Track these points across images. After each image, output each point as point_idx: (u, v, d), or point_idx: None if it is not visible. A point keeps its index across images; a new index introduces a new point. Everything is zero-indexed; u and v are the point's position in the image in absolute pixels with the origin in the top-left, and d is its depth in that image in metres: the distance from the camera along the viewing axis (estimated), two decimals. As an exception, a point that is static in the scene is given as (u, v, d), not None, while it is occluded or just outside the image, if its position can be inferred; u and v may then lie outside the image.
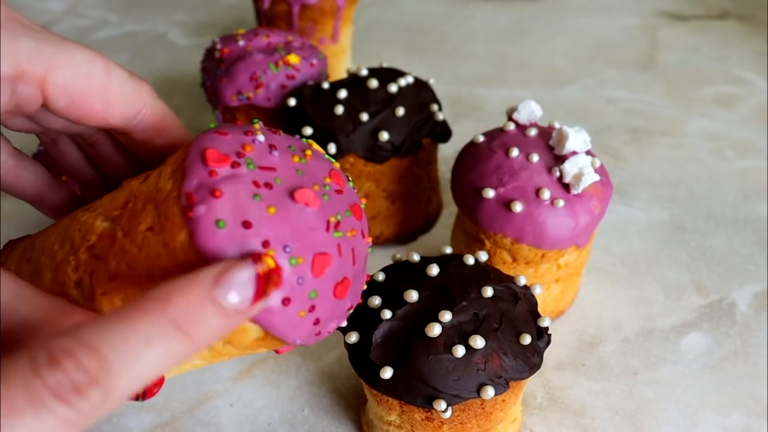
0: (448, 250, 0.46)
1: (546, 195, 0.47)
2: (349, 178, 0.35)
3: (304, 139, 0.34)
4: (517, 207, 0.47)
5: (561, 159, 0.48)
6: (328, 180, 0.32)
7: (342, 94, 0.55)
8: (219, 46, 0.63)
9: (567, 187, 0.48)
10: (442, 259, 0.44)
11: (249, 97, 0.60)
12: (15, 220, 0.65)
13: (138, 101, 0.34)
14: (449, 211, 0.66)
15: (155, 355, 0.23)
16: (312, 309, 0.29)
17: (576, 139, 0.48)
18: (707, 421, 0.49)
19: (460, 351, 0.38)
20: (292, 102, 0.57)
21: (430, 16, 1.01)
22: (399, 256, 0.45)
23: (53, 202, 0.38)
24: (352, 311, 0.34)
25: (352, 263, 0.32)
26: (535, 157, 0.48)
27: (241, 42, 0.63)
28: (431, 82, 0.60)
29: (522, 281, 0.44)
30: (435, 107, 0.58)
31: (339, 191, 0.32)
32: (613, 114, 0.80)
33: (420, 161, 0.59)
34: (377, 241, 0.62)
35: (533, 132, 0.50)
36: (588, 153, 0.49)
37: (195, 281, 0.25)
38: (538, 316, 0.42)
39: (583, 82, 0.86)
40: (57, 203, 0.38)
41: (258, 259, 0.26)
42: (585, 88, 0.85)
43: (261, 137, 0.31)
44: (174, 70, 0.88)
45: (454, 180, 0.52)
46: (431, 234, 0.64)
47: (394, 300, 0.41)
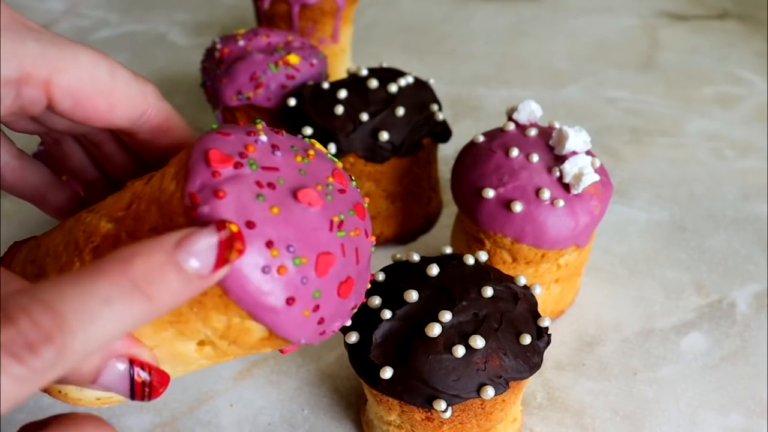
0: (448, 250, 0.46)
1: (546, 195, 0.47)
2: (352, 177, 0.35)
3: (306, 139, 0.35)
4: (517, 207, 0.47)
5: (561, 159, 0.48)
6: (330, 179, 0.32)
7: (342, 94, 0.55)
8: (219, 46, 0.63)
9: (567, 187, 0.48)
10: (442, 259, 0.44)
11: (249, 97, 0.60)
12: (15, 219, 0.65)
13: (142, 102, 0.34)
14: (449, 211, 0.66)
15: (114, 315, 0.23)
16: (316, 308, 0.29)
17: (576, 139, 0.48)
18: (707, 421, 0.49)
19: (460, 351, 0.38)
20: (292, 102, 0.57)
21: (430, 16, 1.01)
22: (399, 256, 0.45)
23: (57, 202, 0.38)
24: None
25: (355, 263, 0.32)
26: (535, 157, 0.48)
27: (241, 42, 0.63)
28: (431, 82, 0.60)
29: (522, 281, 0.44)
30: (435, 107, 0.58)
31: (342, 191, 0.32)
32: (613, 114, 0.80)
33: (420, 161, 0.59)
34: (377, 241, 0.62)
35: (533, 132, 0.50)
36: (588, 153, 0.49)
37: (158, 244, 0.25)
38: (538, 316, 0.42)
39: (583, 82, 0.86)
40: (60, 204, 0.38)
41: (222, 226, 0.26)
42: (585, 88, 0.85)
43: (263, 137, 0.31)
44: (174, 70, 0.88)
45: (454, 180, 0.52)
46: (431, 234, 0.64)
47: (394, 300, 0.41)
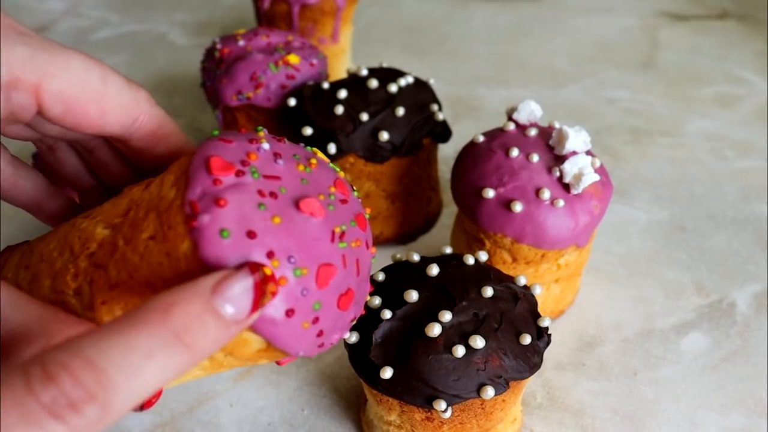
0: (448, 250, 0.46)
1: (546, 195, 0.47)
2: (354, 188, 0.35)
3: (309, 148, 0.34)
4: (517, 207, 0.47)
5: (561, 159, 0.48)
6: (333, 189, 0.32)
7: (342, 94, 0.55)
8: (219, 46, 0.63)
9: (567, 187, 0.48)
10: (442, 259, 0.44)
11: (249, 97, 0.60)
12: (15, 220, 0.65)
13: (135, 109, 0.33)
14: (449, 211, 0.66)
15: (156, 368, 0.23)
16: (316, 321, 0.29)
17: (576, 139, 0.48)
18: (707, 421, 0.49)
19: (460, 351, 0.38)
20: (292, 102, 0.57)
21: (430, 16, 1.01)
22: (399, 256, 0.45)
23: (51, 209, 0.37)
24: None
25: (356, 274, 0.31)
26: (535, 157, 0.48)
27: (241, 42, 0.63)
28: (431, 82, 0.60)
29: (522, 281, 0.44)
30: (435, 107, 0.58)
31: (344, 201, 0.32)
32: (613, 114, 0.80)
33: (420, 161, 0.59)
34: (377, 241, 0.62)
35: (533, 132, 0.50)
36: (588, 153, 0.49)
37: (194, 291, 0.25)
38: (538, 316, 0.42)
39: (583, 82, 0.86)
40: (55, 211, 0.37)
41: (255, 268, 0.26)
42: (585, 88, 0.84)
43: (266, 145, 0.31)
44: (174, 70, 0.88)
45: (454, 180, 0.52)
46: (431, 234, 0.64)
47: (394, 300, 0.41)
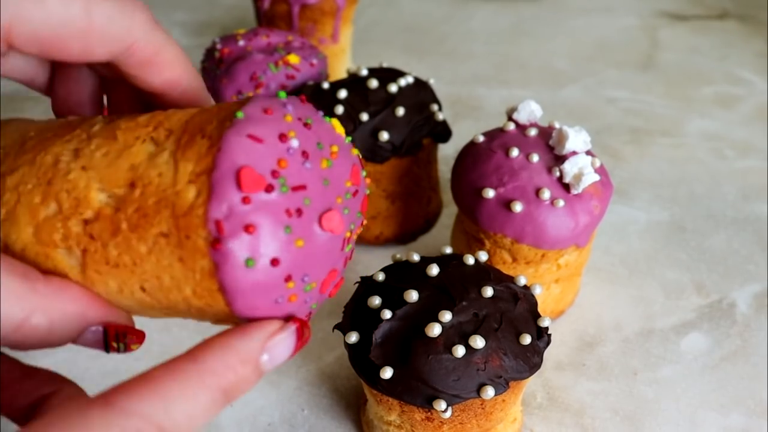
0: (448, 250, 0.46)
1: (546, 195, 0.47)
2: (363, 164, 0.33)
3: (327, 119, 0.31)
4: (517, 207, 0.47)
5: (561, 159, 0.48)
6: (349, 184, 0.31)
7: (342, 94, 0.55)
8: (219, 46, 0.63)
9: (567, 187, 0.48)
10: (442, 259, 0.44)
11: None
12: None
13: (126, 36, 0.30)
14: (449, 211, 0.66)
15: (206, 420, 0.26)
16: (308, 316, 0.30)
17: (576, 139, 0.48)
18: (707, 421, 0.48)
19: (460, 351, 0.38)
20: (292, 102, 0.57)
21: (430, 16, 1.01)
22: (399, 256, 0.45)
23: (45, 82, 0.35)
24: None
25: (348, 257, 0.32)
26: (535, 157, 0.48)
27: (241, 42, 0.63)
28: (431, 82, 0.60)
29: (522, 281, 0.44)
30: (435, 107, 0.58)
31: (355, 192, 0.31)
32: (613, 114, 0.80)
33: (420, 161, 0.59)
34: (377, 241, 0.62)
35: (533, 132, 0.50)
36: (588, 153, 0.49)
37: (246, 357, 0.27)
38: (538, 316, 0.42)
39: (583, 82, 0.86)
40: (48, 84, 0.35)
41: (297, 321, 0.28)
42: (585, 88, 0.84)
43: (294, 143, 0.28)
44: (174, 70, 0.88)
45: (454, 180, 0.52)
46: (431, 234, 0.64)
47: (394, 300, 0.41)
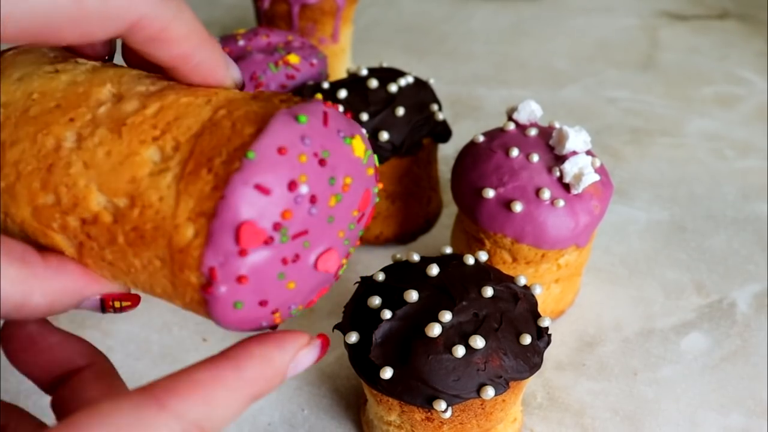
0: (448, 250, 0.46)
1: (546, 195, 0.47)
2: (378, 181, 0.32)
3: (347, 141, 0.29)
4: (517, 207, 0.47)
5: (561, 159, 0.48)
6: (355, 213, 0.30)
7: (342, 94, 0.55)
8: (219, 46, 0.63)
9: (567, 187, 0.48)
10: (442, 259, 0.44)
11: (249, 97, 0.60)
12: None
13: (127, 14, 0.29)
14: (449, 211, 0.66)
15: (232, 421, 0.27)
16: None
17: (576, 139, 0.48)
18: (707, 421, 0.48)
19: (460, 351, 0.38)
20: (292, 102, 0.57)
21: (430, 16, 1.01)
22: (399, 256, 0.45)
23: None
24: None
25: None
26: (535, 157, 0.48)
27: (241, 42, 0.63)
28: (431, 82, 0.60)
29: (522, 281, 0.44)
30: (435, 107, 0.58)
31: (361, 218, 0.31)
32: (613, 114, 0.80)
33: (420, 161, 0.59)
34: (377, 241, 0.62)
35: (533, 132, 0.50)
36: (588, 153, 0.49)
37: (281, 369, 0.28)
38: (538, 316, 0.42)
39: (583, 82, 0.86)
40: None
41: (322, 336, 0.30)
42: (585, 88, 0.84)
43: (304, 189, 0.26)
44: (174, 70, 0.88)
45: (454, 180, 0.52)
46: (431, 234, 0.64)
47: (394, 300, 0.41)
